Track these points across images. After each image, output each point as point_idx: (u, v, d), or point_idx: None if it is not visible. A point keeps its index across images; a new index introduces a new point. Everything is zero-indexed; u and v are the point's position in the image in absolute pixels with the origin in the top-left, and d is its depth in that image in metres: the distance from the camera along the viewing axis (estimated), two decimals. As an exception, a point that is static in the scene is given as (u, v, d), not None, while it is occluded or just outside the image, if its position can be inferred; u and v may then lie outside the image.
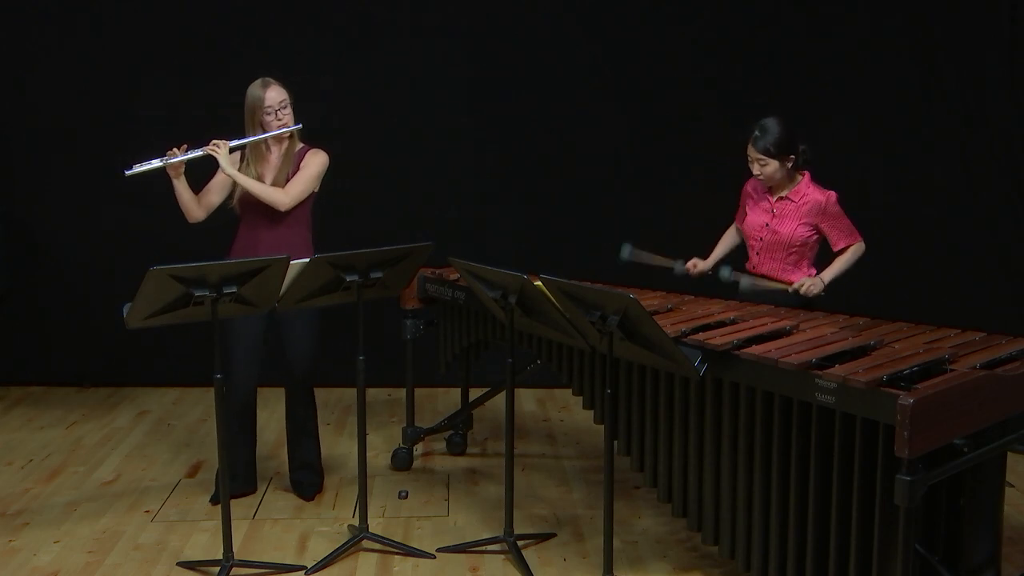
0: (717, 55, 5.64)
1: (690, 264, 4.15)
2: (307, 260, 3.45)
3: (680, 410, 3.34)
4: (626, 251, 4.08)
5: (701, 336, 3.24)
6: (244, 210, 4.02)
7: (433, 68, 5.64)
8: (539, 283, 3.28)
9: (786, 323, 3.41)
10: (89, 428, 5.14)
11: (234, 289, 3.29)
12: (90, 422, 5.24)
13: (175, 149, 3.81)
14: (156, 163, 3.77)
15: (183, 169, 3.87)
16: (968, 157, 5.70)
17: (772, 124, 3.81)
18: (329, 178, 4.10)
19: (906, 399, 2.54)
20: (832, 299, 3.85)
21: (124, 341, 4.80)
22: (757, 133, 3.82)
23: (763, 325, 3.39)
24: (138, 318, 3.26)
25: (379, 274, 3.60)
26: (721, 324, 3.43)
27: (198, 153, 3.84)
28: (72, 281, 5.70)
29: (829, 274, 3.88)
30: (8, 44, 5.55)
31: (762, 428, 3.06)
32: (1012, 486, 4.09)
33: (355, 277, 3.57)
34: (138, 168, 3.74)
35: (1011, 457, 3.09)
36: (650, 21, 5.64)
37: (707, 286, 4.04)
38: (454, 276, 4.32)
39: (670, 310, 3.72)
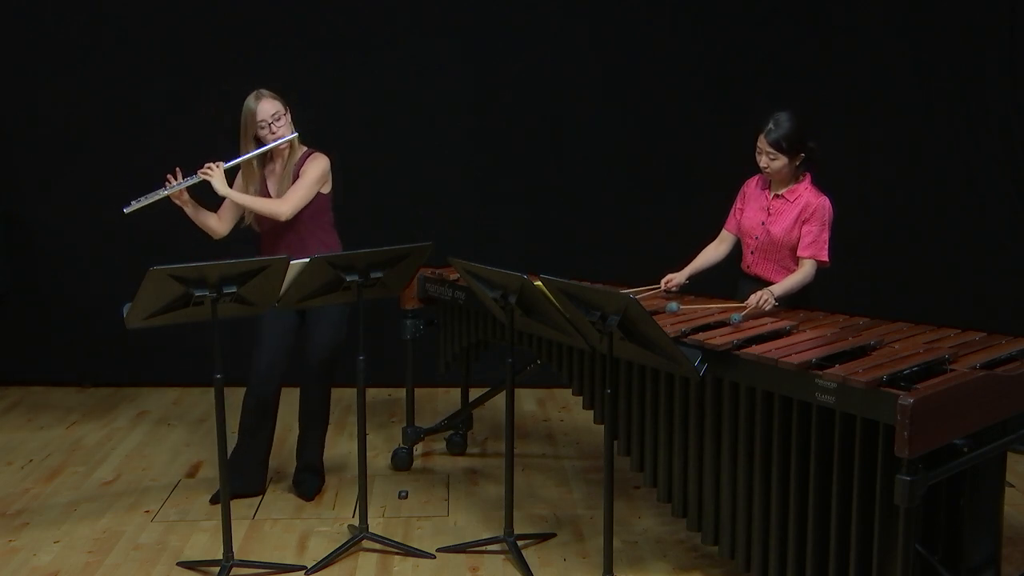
0: (717, 55, 5.63)
1: (664, 280, 4.01)
2: (307, 260, 3.45)
3: (680, 410, 3.34)
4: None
5: (701, 336, 3.24)
6: (261, 225, 4.03)
7: (433, 68, 5.64)
8: (539, 283, 3.28)
9: (786, 323, 3.41)
10: (89, 428, 5.14)
11: (234, 289, 3.29)
12: (90, 422, 5.23)
13: (170, 177, 3.77)
14: (154, 196, 3.72)
15: (187, 196, 3.84)
16: (968, 157, 5.70)
17: (785, 118, 3.72)
18: (331, 178, 4.09)
19: (906, 399, 2.54)
20: (832, 299, 3.84)
21: (124, 341, 4.80)
22: (771, 126, 3.72)
23: (763, 325, 3.39)
24: (138, 318, 3.26)
25: (379, 274, 3.60)
26: (721, 324, 3.43)
27: (194, 180, 3.80)
28: (72, 281, 5.70)
29: (779, 289, 3.71)
30: (10, 44, 5.55)
31: (762, 428, 3.06)
32: (1012, 486, 4.09)
33: (355, 277, 3.57)
34: (136, 204, 3.69)
35: (1011, 457, 3.10)
36: (651, 21, 5.63)
37: (707, 287, 4.03)
38: (454, 276, 4.32)
39: (670, 310, 3.72)
